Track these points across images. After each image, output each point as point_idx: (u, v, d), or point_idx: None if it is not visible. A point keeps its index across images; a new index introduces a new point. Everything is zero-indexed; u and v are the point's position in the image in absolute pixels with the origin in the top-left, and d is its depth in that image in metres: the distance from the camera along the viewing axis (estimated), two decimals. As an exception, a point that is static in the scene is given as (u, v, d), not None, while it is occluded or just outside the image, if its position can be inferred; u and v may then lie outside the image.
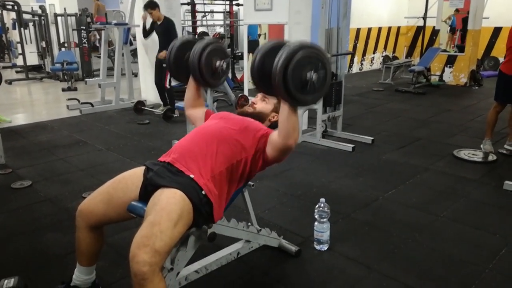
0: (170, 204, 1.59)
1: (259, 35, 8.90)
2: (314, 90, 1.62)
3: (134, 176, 1.84)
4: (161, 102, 5.99)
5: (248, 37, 7.11)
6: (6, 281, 1.90)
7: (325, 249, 2.44)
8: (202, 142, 1.84)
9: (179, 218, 1.58)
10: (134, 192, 1.78)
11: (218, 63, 2.08)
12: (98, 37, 11.50)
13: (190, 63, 2.05)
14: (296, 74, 1.56)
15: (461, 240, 2.57)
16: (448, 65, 8.31)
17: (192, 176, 1.72)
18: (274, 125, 2.03)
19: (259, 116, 2.07)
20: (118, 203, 1.78)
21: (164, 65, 5.58)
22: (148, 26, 5.80)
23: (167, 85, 5.69)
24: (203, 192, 1.70)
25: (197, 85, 2.20)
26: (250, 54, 7.00)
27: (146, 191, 1.75)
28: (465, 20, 8.26)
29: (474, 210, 2.98)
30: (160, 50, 5.68)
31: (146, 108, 6.05)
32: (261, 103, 2.15)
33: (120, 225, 2.43)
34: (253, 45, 6.74)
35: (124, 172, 1.90)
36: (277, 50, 1.59)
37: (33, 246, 2.51)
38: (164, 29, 5.59)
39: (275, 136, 1.79)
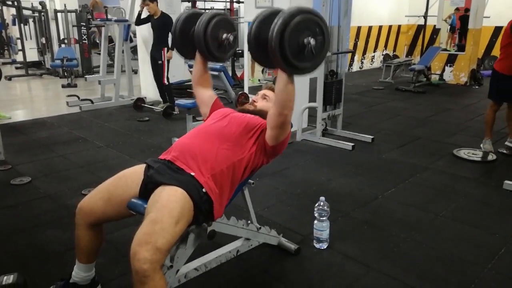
0: (171, 201, 1.59)
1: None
2: (311, 57, 1.58)
3: (134, 173, 1.84)
4: (161, 99, 5.97)
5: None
6: (5, 277, 1.89)
7: (325, 247, 2.44)
8: (202, 141, 1.84)
9: (180, 216, 1.58)
10: (134, 190, 1.78)
11: (224, 35, 2.01)
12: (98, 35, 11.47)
13: (196, 35, 1.97)
14: (293, 39, 1.51)
15: (461, 239, 2.57)
16: (449, 64, 8.31)
17: (192, 174, 1.72)
18: None
19: (260, 114, 2.07)
20: (118, 200, 1.78)
21: (159, 62, 5.56)
22: (143, 15, 5.71)
23: (165, 81, 5.66)
24: (204, 190, 1.70)
25: (203, 60, 2.14)
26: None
27: (147, 189, 1.75)
28: (463, 19, 8.25)
29: (474, 210, 2.98)
30: (153, 45, 5.65)
31: (145, 105, 6.04)
32: (262, 101, 2.15)
33: (119, 223, 2.42)
34: None
35: (124, 169, 1.90)
36: (274, 18, 1.54)
37: (32, 242, 2.51)
38: (160, 24, 5.53)
39: (270, 111, 1.79)
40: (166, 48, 5.53)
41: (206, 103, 2.18)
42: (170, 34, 5.40)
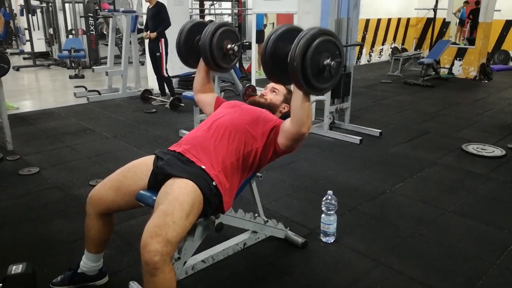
0: (182, 194, 1.59)
1: (265, 26, 8.84)
2: (330, 78, 1.60)
3: (143, 164, 1.84)
4: (160, 92, 5.95)
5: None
6: (14, 266, 1.90)
7: (332, 241, 2.44)
8: (213, 134, 1.83)
9: (191, 209, 1.58)
10: (143, 181, 1.78)
11: (229, 45, 2.04)
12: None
13: (201, 45, 2.00)
14: (314, 60, 1.53)
15: (469, 235, 2.55)
16: (458, 58, 8.21)
17: (203, 167, 1.71)
18: (284, 116, 2.02)
19: (270, 108, 2.06)
20: (127, 191, 1.78)
21: (157, 54, 5.52)
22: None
23: (165, 74, 5.63)
24: (214, 183, 1.70)
25: (207, 69, 2.16)
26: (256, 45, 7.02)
27: (156, 180, 1.75)
28: (475, 12, 8.15)
29: (482, 205, 2.95)
30: (151, 38, 5.55)
31: (153, 96, 6.04)
32: (271, 94, 2.14)
33: (127, 213, 2.45)
34: (258, 35, 6.77)
35: (132, 160, 1.90)
36: (290, 35, 1.55)
37: (40, 232, 2.53)
38: (154, 13, 5.46)
39: (287, 124, 1.77)
40: (163, 40, 5.49)
41: (209, 104, 2.20)
42: (164, 21, 5.37)
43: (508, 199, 3.05)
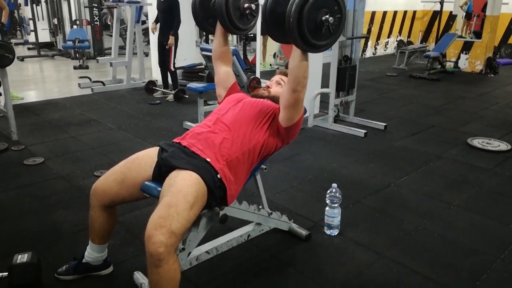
0: (186, 186, 1.58)
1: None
2: (329, 35, 1.56)
3: (147, 156, 1.83)
4: (163, 84, 5.92)
5: None
6: (19, 256, 1.92)
7: (335, 234, 2.44)
8: (218, 129, 1.83)
9: (195, 200, 1.58)
10: (148, 172, 1.78)
11: (246, 4, 1.95)
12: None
13: (217, 6, 1.92)
14: (311, 16, 1.50)
15: (473, 229, 2.55)
16: (464, 52, 8.14)
17: (208, 159, 1.71)
18: None
19: (274, 100, 2.05)
20: (132, 182, 1.78)
21: (166, 47, 5.48)
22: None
23: (172, 68, 5.59)
24: (219, 176, 1.69)
25: (224, 32, 2.09)
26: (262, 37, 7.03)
27: (160, 172, 1.75)
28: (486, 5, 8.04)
29: (487, 200, 2.94)
30: (161, 30, 5.50)
31: (157, 88, 6.03)
32: (276, 87, 2.12)
33: (131, 204, 2.46)
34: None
35: (136, 152, 1.90)
36: None
37: (45, 222, 2.54)
38: (166, 7, 5.34)
39: (283, 89, 1.77)
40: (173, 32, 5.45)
41: (223, 84, 2.15)
42: (175, 18, 5.32)
43: (513, 193, 3.03)
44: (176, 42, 5.46)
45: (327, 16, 1.52)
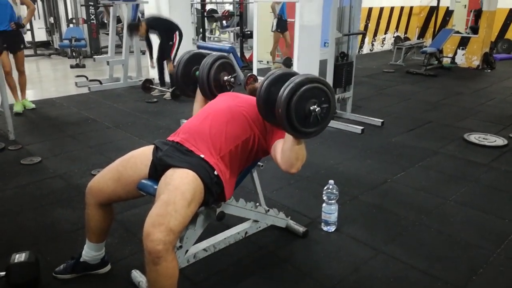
0: (183, 184, 1.59)
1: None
2: (316, 123, 1.62)
3: (143, 154, 1.84)
4: (159, 81, 5.91)
5: (280, 16, 7.25)
6: (17, 255, 1.92)
7: (333, 230, 2.44)
8: (210, 121, 1.83)
9: (193, 197, 1.59)
10: (144, 171, 1.78)
11: (226, 77, 2.15)
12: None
13: (199, 78, 2.12)
14: (299, 107, 1.56)
15: (470, 224, 2.56)
16: (461, 47, 8.14)
17: (202, 156, 1.71)
18: None
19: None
20: (128, 181, 1.78)
21: (170, 43, 5.48)
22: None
23: (172, 65, 5.58)
24: (215, 172, 1.70)
25: (204, 99, 2.21)
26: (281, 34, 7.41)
27: (156, 170, 1.75)
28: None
29: (484, 195, 2.96)
30: (160, 48, 5.54)
31: (154, 86, 6.02)
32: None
33: (128, 203, 2.46)
34: (282, 24, 7.47)
35: (133, 150, 1.90)
36: (284, 80, 1.59)
37: (43, 221, 2.54)
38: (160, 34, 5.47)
39: (278, 157, 1.77)
40: (178, 32, 5.46)
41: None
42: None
43: (510, 188, 3.05)
44: (180, 38, 5.48)
45: (315, 106, 1.58)
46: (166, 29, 5.48)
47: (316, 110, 1.58)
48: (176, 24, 5.48)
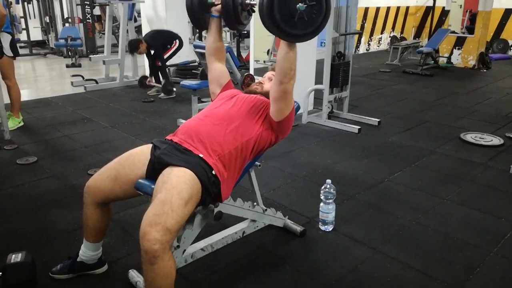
0: (180, 183, 1.58)
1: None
2: (304, 23, 1.55)
3: (141, 153, 1.83)
4: (154, 80, 5.88)
5: None
6: (13, 255, 1.91)
7: (330, 229, 2.44)
8: (210, 123, 1.83)
9: (189, 197, 1.58)
10: (141, 170, 1.78)
11: (247, 1, 1.99)
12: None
13: (224, 2, 1.95)
14: (282, 5, 1.49)
15: (467, 223, 2.57)
16: (457, 47, 8.17)
17: (201, 155, 1.71)
18: None
19: (266, 96, 2.04)
20: (125, 180, 1.77)
21: (168, 46, 5.48)
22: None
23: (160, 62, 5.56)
24: (213, 172, 1.69)
25: (219, 28, 2.10)
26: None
27: (154, 169, 1.74)
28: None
29: (480, 194, 2.97)
30: (155, 53, 5.53)
31: (151, 83, 5.97)
32: (269, 83, 2.12)
33: (126, 202, 2.45)
34: None
35: (130, 149, 1.89)
36: None
37: (39, 221, 2.53)
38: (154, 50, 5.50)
39: (272, 81, 1.77)
40: (177, 40, 5.48)
41: (218, 81, 2.14)
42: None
43: (506, 188, 3.06)
44: (179, 46, 5.50)
45: (301, 4, 1.51)
46: (166, 42, 5.52)
47: (300, 8, 1.50)
48: (177, 34, 5.50)
